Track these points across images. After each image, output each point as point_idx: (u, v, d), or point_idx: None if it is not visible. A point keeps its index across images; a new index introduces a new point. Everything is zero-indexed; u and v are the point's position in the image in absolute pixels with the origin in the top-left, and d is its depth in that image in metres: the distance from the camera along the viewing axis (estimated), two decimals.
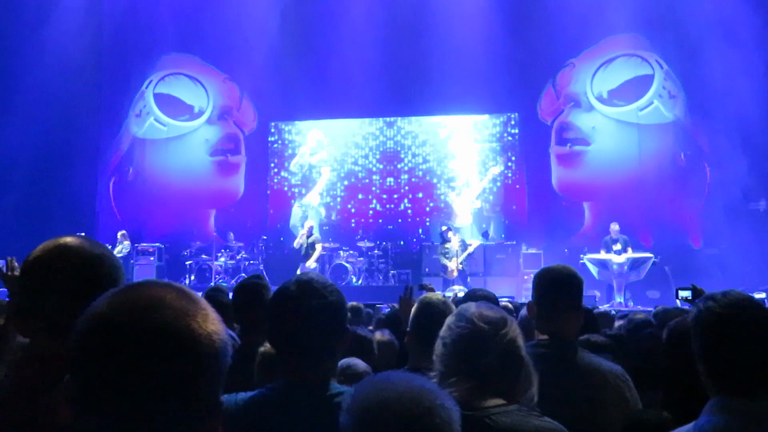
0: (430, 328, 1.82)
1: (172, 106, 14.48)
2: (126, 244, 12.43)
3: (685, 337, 1.64)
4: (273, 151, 14.34)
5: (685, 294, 4.43)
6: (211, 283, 11.62)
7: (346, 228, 13.68)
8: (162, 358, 0.82)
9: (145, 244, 12.87)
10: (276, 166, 14.30)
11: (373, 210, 13.88)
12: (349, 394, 1.05)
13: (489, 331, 1.61)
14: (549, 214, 12.91)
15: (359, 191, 13.94)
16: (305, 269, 11.06)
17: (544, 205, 13.06)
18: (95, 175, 14.27)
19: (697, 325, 1.55)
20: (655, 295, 11.01)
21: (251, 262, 12.65)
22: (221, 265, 12.58)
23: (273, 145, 14.36)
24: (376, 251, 12.69)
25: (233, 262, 12.64)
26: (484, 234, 12.67)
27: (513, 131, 13.62)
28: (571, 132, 13.25)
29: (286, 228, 13.85)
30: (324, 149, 14.11)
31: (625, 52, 13.03)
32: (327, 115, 13.86)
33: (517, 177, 13.49)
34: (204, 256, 12.89)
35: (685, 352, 1.60)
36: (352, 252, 12.61)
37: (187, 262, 12.80)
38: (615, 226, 11.18)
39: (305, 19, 13.35)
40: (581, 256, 11.12)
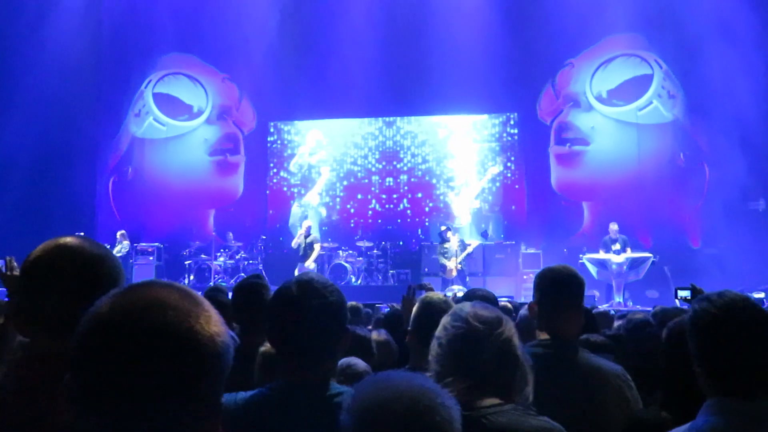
0: (431, 327, 1.82)
1: (171, 105, 14.47)
2: (125, 243, 12.42)
3: (684, 336, 1.64)
4: (272, 151, 14.34)
5: (684, 294, 4.43)
6: (211, 283, 11.62)
7: (345, 228, 13.68)
8: (164, 360, 0.82)
9: (144, 244, 12.87)
10: (275, 166, 14.30)
11: (373, 210, 13.88)
12: (350, 394, 1.05)
13: (484, 330, 1.61)
14: (548, 213, 12.92)
15: (358, 191, 13.93)
16: (303, 269, 11.06)
17: (544, 205, 13.07)
18: (94, 174, 14.27)
19: (693, 326, 1.55)
20: (654, 294, 11.02)
21: (250, 261, 12.65)
22: (220, 265, 12.58)
23: (272, 145, 14.36)
24: (375, 251, 12.70)
25: (232, 261, 12.65)
26: (484, 234, 12.67)
27: (512, 131, 13.62)
28: (570, 132, 13.26)
29: (285, 228, 13.85)
30: (323, 149, 14.11)
31: (624, 52, 13.03)
32: (326, 114, 13.86)
33: (516, 177, 13.50)
34: (203, 256, 12.89)
35: (685, 351, 1.61)
36: (351, 252, 12.62)
37: (186, 262, 12.81)
38: (614, 226, 11.18)
39: (304, 18, 13.36)
40: (580, 255, 11.12)
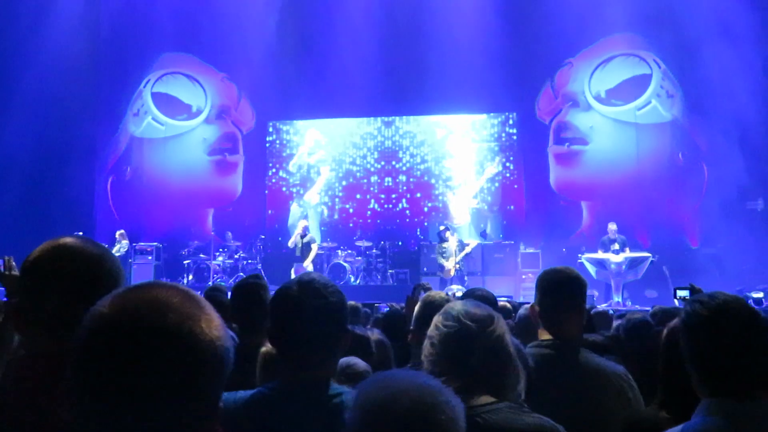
0: None
1: (170, 105, 14.46)
2: (124, 243, 12.40)
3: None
4: (271, 151, 14.33)
5: (683, 293, 4.44)
6: (209, 283, 11.63)
7: (344, 227, 13.68)
8: (164, 361, 0.83)
9: (143, 244, 12.84)
10: (274, 165, 14.29)
11: (372, 210, 13.87)
12: (352, 393, 1.06)
13: (476, 328, 1.61)
14: (547, 213, 12.92)
15: (357, 191, 13.93)
16: (300, 269, 11.09)
17: (542, 205, 13.07)
18: (93, 174, 14.25)
19: (685, 327, 1.55)
20: (653, 294, 11.03)
21: (249, 261, 12.65)
22: (219, 265, 12.57)
23: (271, 145, 14.35)
24: (374, 251, 12.70)
25: (231, 261, 12.64)
26: (482, 233, 12.67)
27: (511, 131, 13.62)
28: (569, 131, 13.26)
29: (284, 227, 13.84)
30: (322, 149, 14.10)
31: (622, 52, 13.04)
32: (325, 114, 13.85)
33: (515, 176, 13.50)
34: (202, 256, 12.89)
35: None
36: (350, 251, 12.62)
37: (185, 262, 12.82)
38: (612, 226, 11.19)
39: (303, 18, 13.36)
40: (579, 255, 11.13)
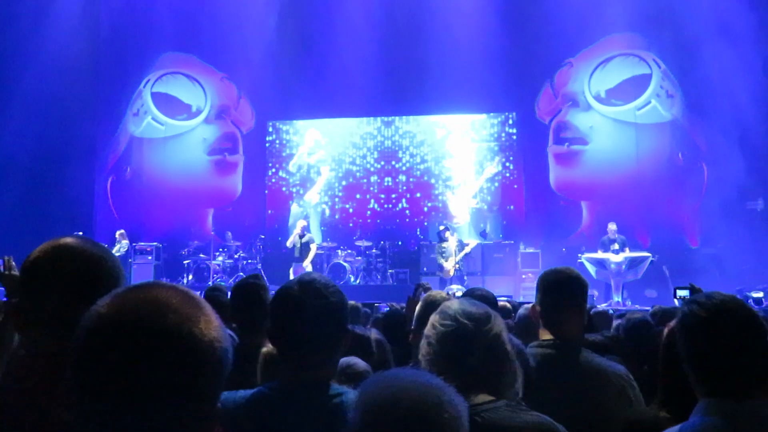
0: None
1: (169, 105, 14.46)
2: (124, 243, 12.40)
3: None
4: (271, 151, 14.32)
5: (683, 293, 4.44)
6: (209, 283, 11.63)
7: (344, 227, 13.67)
8: (163, 362, 0.82)
9: (142, 244, 12.84)
10: (274, 165, 14.29)
11: (371, 210, 13.87)
12: (354, 393, 1.05)
13: (473, 327, 1.60)
14: (547, 213, 12.92)
15: (357, 191, 13.92)
16: (298, 270, 11.11)
17: (542, 205, 13.07)
18: (93, 174, 14.24)
19: (683, 328, 1.55)
20: (653, 294, 11.03)
21: (249, 261, 12.65)
22: (219, 265, 12.57)
23: (271, 145, 14.34)
24: (374, 250, 12.70)
25: (231, 261, 12.64)
26: (482, 233, 12.67)
27: (511, 130, 13.62)
28: (568, 131, 13.26)
29: (283, 227, 13.83)
30: (322, 149, 14.09)
31: (622, 52, 13.03)
32: (325, 114, 13.84)
33: (514, 176, 13.50)
34: (202, 255, 12.88)
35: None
36: (350, 251, 12.62)
37: (184, 262, 12.82)
38: (612, 226, 11.19)
39: (303, 18, 13.35)
40: (579, 255, 11.13)
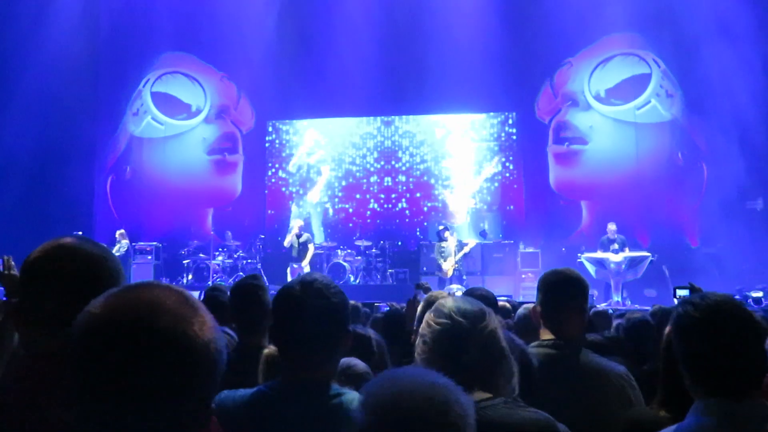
0: None
1: (169, 104, 14.45)
2: (124, 243, 12.39)
3: None
4: (270, 151, 14.32)
5: (682, 293, 4.44)
6: (209, 282, 11.63)
7: (344, 227, 13.67)
8: (157, 363, 0.82)
9: (142, 243, 12.84)
10: (273, 165, 14.28)
11: (371, 210, 13.86)
12: (362, 392, 1.05)
13: (468, 325, 1.60)
14: (546, 213, 12.92)
15: (357, 191, 13.92)
16: (295, 270, 11.13)
17: (542, 204, 13.07)
18: (92, 173, 14.24)
19: (677, 329, 1.55)
20: (652, 293, 11.03)
21: (249, 261, 12.64)
22: (219, 264, 12.57)
23: (271, 145, 14.34)
24: (374, 250, 12.69)
25: (231, 261, 12.63)
26: (482, 233, 12.67)
27: (510, 130, 13.62)
28: (568, 131, 13.26)
29: (283, 227, 13.81)
30: (321, 149, 14.09)
31: (622, 51, 13.03)
32: (325, 114, 13.84)
33: (514, 176, 13.49)
34: (201, 255, 12.88)
35: None
36: (350, 251, 12.61)
37: (184, 261, 12.82)
38: (612, 226, 11.19)
39: (303, 17, 13.34)
40: (579, 254, 11.12)
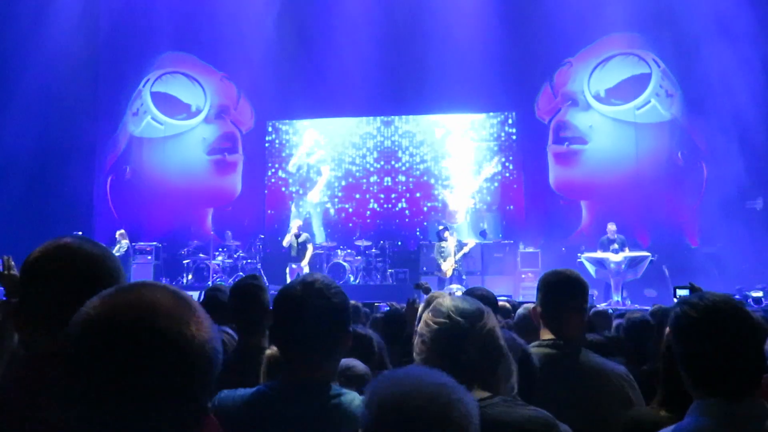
0: None
1: (169, 104, 14.45)
2: (124, 243, 12.38)
3: None
4: (270, 151, 14.32)
5: (682, 292, 4.44)
6: (209, 282, 11.64)
7: (344, 227, 13.67)
8: (153, 364, 0.82)
9: (142, 243, 12.85)
10: (273, 165, 14.28)
11: (371, 210, 13.86)
12: (367, 390, 1.05)
13: (466, 324, 1.60)
14: (546, 212, 12.92)
15: (357, 191, 13.92)
16: (295, 270, 11.13)
17: (542, 204, 13.07)
18: (92, 173, 14.24)
19: (676, 330, 1.55)
20: (652, 293, 11.03)
21: (249, 261, 12.64)
22: (219, 264, 12.57)
23: (271, 145, 14.33)
24: (373, 250, 12.70)
25: (231, 261, 12.63)
26: (482, 233, 12.66)
27: (510, 130, 13.62)
28: (568, 131, 13.26)
29: (283, 227, 13.80)
30: (321, 149, 14.09)
31: (622, 51, 13.03)
32: (324, 113, 13.84)
33: (514, 176, 13.49)
34: (201, 255, 12.88)
35: None
36: (349, 251, 12.62)
37: (184, 261, 12.82)
38: (612, 227, 11.19)
39: (302, 17, 13.34)
40: (579, 254, 11.12)
